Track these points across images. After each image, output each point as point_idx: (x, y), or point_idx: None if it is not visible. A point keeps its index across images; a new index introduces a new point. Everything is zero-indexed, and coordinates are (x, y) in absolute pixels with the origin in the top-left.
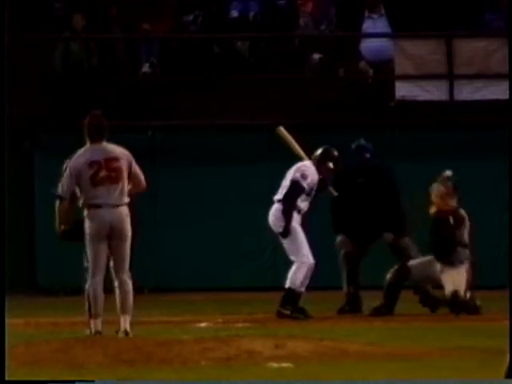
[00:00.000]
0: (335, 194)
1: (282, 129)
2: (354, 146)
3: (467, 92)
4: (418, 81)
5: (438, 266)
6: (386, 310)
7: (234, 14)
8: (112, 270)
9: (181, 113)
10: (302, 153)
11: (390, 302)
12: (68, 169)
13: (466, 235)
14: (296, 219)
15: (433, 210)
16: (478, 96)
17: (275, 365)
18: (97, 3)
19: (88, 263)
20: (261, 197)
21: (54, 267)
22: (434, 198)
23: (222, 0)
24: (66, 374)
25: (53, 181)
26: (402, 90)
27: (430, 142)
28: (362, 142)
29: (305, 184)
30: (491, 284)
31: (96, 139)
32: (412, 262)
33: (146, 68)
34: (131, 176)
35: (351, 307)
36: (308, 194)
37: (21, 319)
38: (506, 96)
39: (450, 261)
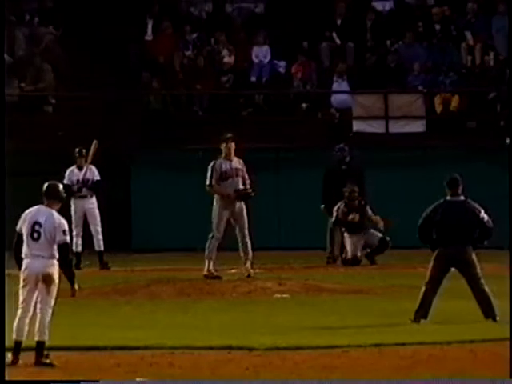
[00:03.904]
0: None
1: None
2: (337, 148)
3: (397, 127)
4: (366, 120)
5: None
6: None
7: (253, 78)
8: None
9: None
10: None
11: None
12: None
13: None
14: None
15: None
16: (403, 129)
17: (278, 295)
18: (169, 71)
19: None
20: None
21: (144, 233)
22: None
23: (245, 69)
24: (149, 303)
25: (142, 182)
26: (357, 125)
27: (374, 158)
28: (342, 145)
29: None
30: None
31: None
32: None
33: (199, 112)
34: None
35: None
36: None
37: (121, 268)
38: (421, 129)
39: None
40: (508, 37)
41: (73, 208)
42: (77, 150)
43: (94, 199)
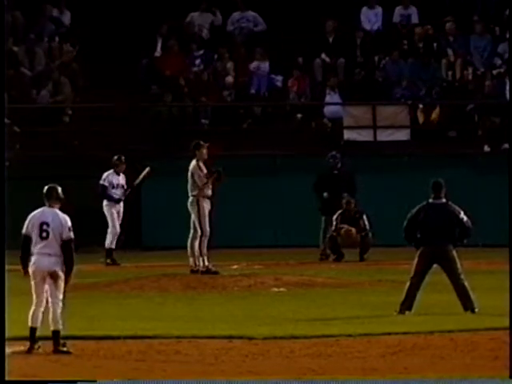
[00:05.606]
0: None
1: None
2: (329, 155)
3: (384, 136)
4: (356, 129)
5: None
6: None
7: (252, 91)
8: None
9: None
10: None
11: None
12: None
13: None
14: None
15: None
16: (390, 138)
17: (276, 289)
18: (176, 85)
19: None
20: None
21: (155, 232)
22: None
23: (245, 83)
24: (157, 296)
25: (151, 185)
26: (347, 134)
27: (363, 164)
28: (334, 153)
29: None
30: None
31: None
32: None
33: (203, 121)
34: None
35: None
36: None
37: (132, 264)
38: (406, 138)
39: None
40: (508, 48)
41: (108, 209)
42: (115, 157)
43: (122, 203)
